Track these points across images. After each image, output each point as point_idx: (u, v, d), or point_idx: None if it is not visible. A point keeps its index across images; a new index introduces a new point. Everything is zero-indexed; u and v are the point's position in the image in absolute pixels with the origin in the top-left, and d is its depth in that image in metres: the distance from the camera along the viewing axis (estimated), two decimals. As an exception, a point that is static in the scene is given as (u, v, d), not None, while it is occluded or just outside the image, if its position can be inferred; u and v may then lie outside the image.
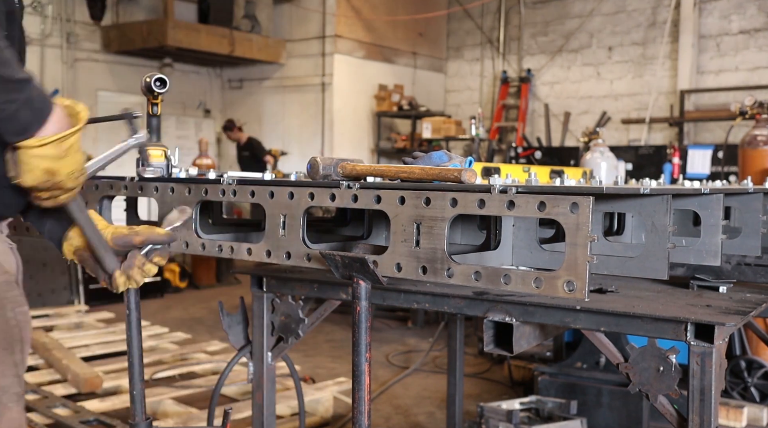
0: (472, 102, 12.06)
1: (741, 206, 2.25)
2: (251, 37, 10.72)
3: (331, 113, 10.85)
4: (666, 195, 1.77)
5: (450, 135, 10.49)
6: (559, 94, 11.10)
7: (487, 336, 1.72)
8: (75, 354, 5.23)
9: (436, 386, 5.08)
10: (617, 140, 10.16)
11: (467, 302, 1.74)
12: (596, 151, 5.38)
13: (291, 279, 2.18)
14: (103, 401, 4.34)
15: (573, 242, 1.54)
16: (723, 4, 9.74)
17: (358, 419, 1.42)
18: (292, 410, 4.30)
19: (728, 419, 3.87)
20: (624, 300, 1.69)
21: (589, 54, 10.84)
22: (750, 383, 4.21)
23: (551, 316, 1.64)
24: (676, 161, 8.08)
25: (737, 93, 9.05)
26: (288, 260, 1.94)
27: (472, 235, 2.21)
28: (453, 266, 1.74)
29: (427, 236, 1.73)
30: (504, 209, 1.63)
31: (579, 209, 1.52)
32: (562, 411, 3.82)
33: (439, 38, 12.44)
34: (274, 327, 2.26)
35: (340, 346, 6.09)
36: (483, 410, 3.81)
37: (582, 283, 1.58)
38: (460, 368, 3.69)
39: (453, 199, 1.70)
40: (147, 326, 6.41)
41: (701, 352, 1.51)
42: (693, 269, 2.22)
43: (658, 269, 1.80)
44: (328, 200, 1.82)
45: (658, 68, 10.09)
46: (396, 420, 4.42)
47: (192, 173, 2.17)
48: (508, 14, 11.70)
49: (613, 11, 10.62)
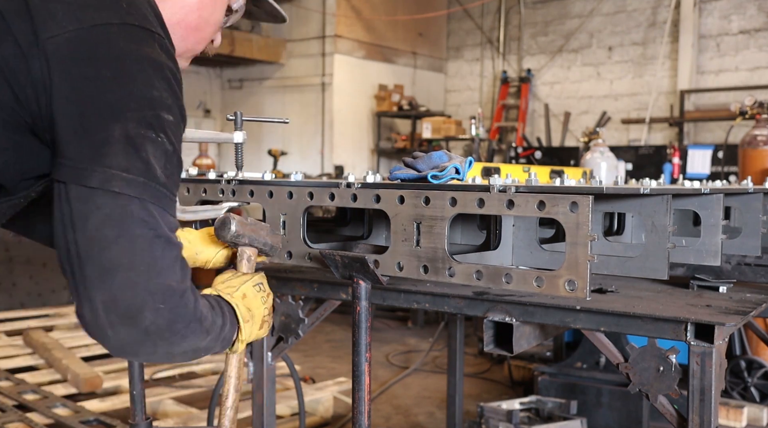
0: (472, 102, 12.06)
1: (741, 206, 2.25)
2: (251, 37, 10.72)
3: (331, 113, 10.85)
4: (666, 195, 1.77)
5: (450, 135, 10.49)
6: (559, 94, 11.10)
7: (487, 336, 1.72)
8: (75, 354, 5.22)
9: (436, 386, 5.08)
10: (617, 140, 10.16)
11: (467, 302, 1.74)
12: (596, 151, 5.38)
13: (291, 279, 2.18)
14: (103, 401, 4.34)
15: (573, 242, 1.54)
16: (723, 4, 9.74)
17: (358, 419, 1.42)
18: (292, 410, 4.30)
19: (728, 419, 3.87)
20: (624, 300, 1.69)
21: (589, 54, 10.84)
22: (750, 383, 4.21)
23: (551, 316, 1.64)
24: (676, 161, 8.08)
25: (737, 93, 9.05)
26: (288, 260, 1.94)
27: (472, 235, 2.21)
28: (454, 266, 1.74)
29: (428, 235, 1.73)
30: (503, 208, 1.63)
31: (579, 208, 1.52)
32: (562, 411, 3.82)
33: (439, 38, 12.44)
34: (274, 327, 2.25)
35: (340, 346, 6.08)
36: (483, 410, 3.81)
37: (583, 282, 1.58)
38: (460, 368, 3.69)
39: (452, 198, 1.70)
40: (147, 326, 6.40)
41: (701, 352, 1.51)
42: (693, 269, 2.22)
43: (658, 269, 1.80)
44: (328, 199, 1.82)
45: (658, 68, 10.09)
46: (396, 420, 4.42)
47: (192, 173, 2.17)
48: (508, 14, 11.70)
49: (613, 11, 10.62)
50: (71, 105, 1.11)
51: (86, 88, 1.11)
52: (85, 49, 1.13)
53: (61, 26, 1.12)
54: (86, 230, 1.09)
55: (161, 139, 1.15)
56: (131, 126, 1.12)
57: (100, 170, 1.09)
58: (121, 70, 1.13)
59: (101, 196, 1.09)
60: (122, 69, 1.13)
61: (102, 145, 1.10)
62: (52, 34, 1.12)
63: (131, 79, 1.13)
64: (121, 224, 1.10)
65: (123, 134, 1.11)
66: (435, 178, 1.78)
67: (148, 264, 1.11)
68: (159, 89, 1.16)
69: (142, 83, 1.14)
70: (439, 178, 1.78)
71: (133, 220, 1.11)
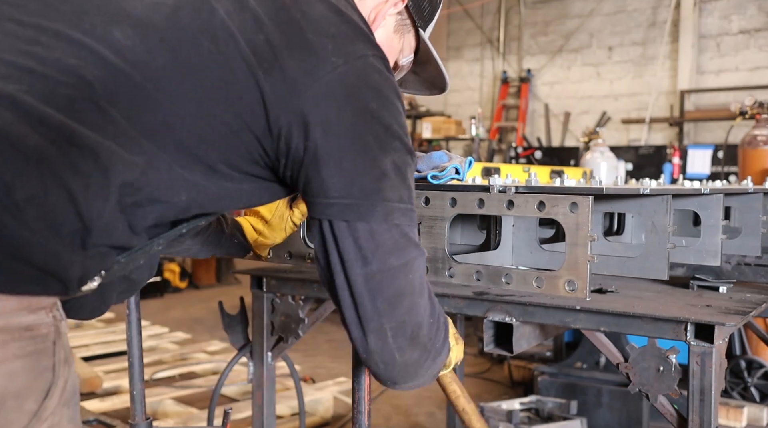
0: (472, 102, 12.06)
1: (741, 206, 2.25)
2: (251, 37, 10.70)
3: (331, 113, 10.84)
4: (666, 195, 1.77)
5: (450, 135, 10.49)
6: (559, 94, 11.10)
7: (487, 336, 1.71)
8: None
9: (435, 386, 5.07)
10: (617, 140, 10.16)
11: (467, 302, 1.74)
12: (596, 151, 5.38)
13: (291, 279, 2.18)
14: (103, 401, 4.34)
15: (573, 242, 1.54)
16: (723, 4, 9.73)
17: (359, 419, 1.42)
18: (292, 410, 4.30)
19: (728, 419, 3.87)
20: (624, 300, 1.69)
21: (589, 54, 10.84)
22: (750, 383, 4.21)
23: (551, 316, 1.64)
24: (676, 161, 8.08)
25: (737, 93, 9.04)
26: (288, 260, 1.94)
27: (472, 235, 2.21)
28: (454, 266, 1.74)
29: (428, 235, 1.73)
30: (504, 208, 1.63)
31: (579, 208, 1.52)
32: (562, 411, 3.82)
33: (439, 38, 12.44)
34: (274, 327, 2.25)
35: (340, 346, 6.08)
36: (483, 410, 3.81)
37: (583, 282, 1.58)
38: (460, 368, 3.68)
39: (452, 198, 1.70)
40: (147, 326, 6.41)
41: (701, 352, 1.51)
42: (693, 269, 2.22)
43: (658, 269, 1.80)
44: (328, 200, 1.82)
45: (658, 68, 10.09)
46: (396, 420, 4.42)
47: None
48: (508, 14, 11.70)
49: (613, 11, 10.61)
50: (349, 141, 1.12)
51: (360, 124, 1.12)
52: (354, 84, 1.13)
53: (332, 62, 1.12)
54: (375, 264, 1.12)
55: (414, 160, 1.21)
56: (398, 155, 1.15)
57: (381, 204, 1.12)
58: (383, 101, 1.15)
59: (386, 230, 1.13)
60: (383, 100, 1.15)
61: (379, 179, 1.13)
62: (326, 71, 1.11)
63: (390, 110, 1.15)
64: (403, 253, 1.14)
65: (393, 165, 1.14)
66: (435, 178, 1.78)
67: (420, 283, 1.18)
68: (402, 115, 1.19)
69: (395, 112, 1.17)
70: (438, 178, 1.78)
71: (410, 246, 1.16)
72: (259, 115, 1.09)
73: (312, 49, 1.11)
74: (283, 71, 1.09)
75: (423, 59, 1.50)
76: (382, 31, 1.36)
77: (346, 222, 1.12)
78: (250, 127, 1.10)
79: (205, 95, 1.08)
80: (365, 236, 1.12)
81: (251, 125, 1.10)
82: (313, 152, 1.11)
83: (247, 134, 1.10)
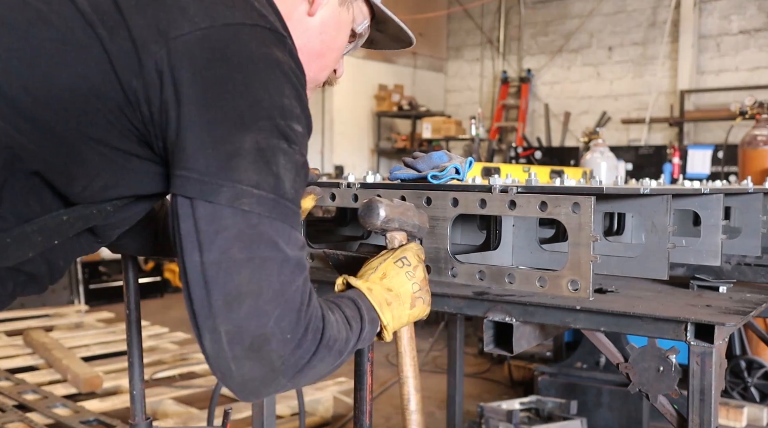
0: (472, 102, 12.06)
1: (741, 206, 2.25)
2: (251, 37, 10.71)
3: (331, 113, 10.85)
4: (666, 195, 1.77)
5: (450, 135, 10.49)
6: (559, 94, 11.10)
7: (487, 336, 1.71)
8: (75, 354, 5.23)
9: (436, 386, 5.08)
10: (617, 140, 10.16)
11: (467, 302, 1.74)
12: (596, 151, 5.38)
13: (291, 279, 2.17)
14: (103, 401, 4.34)
15: (576, 242, 1.54)
16: (723, 4, 9.74)
17: (360, 419, 1.42)
18: (292, 410, 4.31)
19: (728, 419, 3.87)
20: (624, 300, 1.69)
21: (589, 54, 10.84)
22: (750, 383, 4.21)
23: (551, 316, 1.64)
24: (676, 161, 8.08)
25: (737, 93, 9.04)
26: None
27: (472, 235, 2.21)
28: (457, 266, 1.74)
29: (430, 235, 1.73)
30: (505, 208, 1.63)
31: (581, 209, 1.52)
32: (562, 411, 3.82)
33: (439, 38, 12.44)
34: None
35: (340, 346, 6.08)
36: (483, 410, 3.81)
37: (586, 282, 1.58)
38: (460, 368, 3.68)
39: (454, 198, 1.70)
40: (147, 326, 6.40)
41: (701, 352, 1.51)
42: (693, 269, 2.22)
43: (658, 269, 1.80)
44: (329, 199, 1.83)
45: (658, 68, 10.09)
46: (396, 420, 4.42)
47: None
48: (508, 14, 11.70)
49: (613, 11, 10.62)
50: (201, 110, 1.01)
51: (217, 93, 1.01)
52: (218, 49, 1.03)
53: (192, 23, 1.03)
54: (212, 253, 0.99)
55: (293, 149, 1.05)
56: (263, 136, 1.01)
57: (229, 185, 0.99)
58: (253, 74, 1.03)
59: (230, 215, 0.99)
60: (254, 74, 1.03)
61: (232, 157, 1.00)
62: (182, 32, 1.02)
63: (263, 86, 1.04)
64: (250, 247, 0.99)
65: (254, 145, 1.01)
66: (435, 178, 1.78)
67: (276, 291, 1.00)
68: (289, 97, 1.06)
69: (273, 90, 1.04)
70: (439, 178, 1.78)
71: (263, 241, 1.00)
72: (110, 79, 1.01)
73: (167, 7, 1.03)
74: (129, 30, 1.01)
75: (383, 18, 1.44)
76: (326, 8, 1.29)
77: (189, 200, 1.00)
78: (103, 93, 1.02)
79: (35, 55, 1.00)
80: (206, 218, 0.99)
81: (103, 90, 1.02)
82: (166, 118, 1.02)
83: (103, 100, 1.02)
